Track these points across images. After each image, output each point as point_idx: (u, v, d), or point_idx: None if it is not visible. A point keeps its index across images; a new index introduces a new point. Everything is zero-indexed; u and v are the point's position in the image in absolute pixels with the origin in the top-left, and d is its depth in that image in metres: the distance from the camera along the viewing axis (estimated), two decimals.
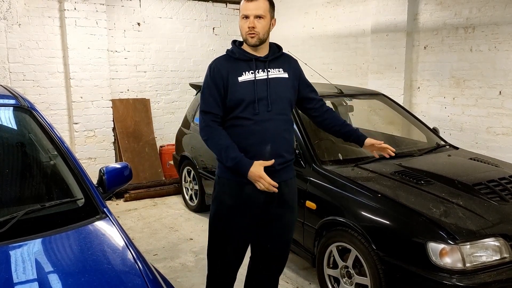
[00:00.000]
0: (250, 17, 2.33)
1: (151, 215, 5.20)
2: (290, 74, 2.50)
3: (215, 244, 2.57)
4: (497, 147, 4.53)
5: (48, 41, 5.64)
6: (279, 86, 2.43)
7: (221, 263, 2.58)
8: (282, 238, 2.58)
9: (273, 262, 2.64)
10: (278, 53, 2.50)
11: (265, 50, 2.45)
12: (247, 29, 2.35)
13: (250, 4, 2.34)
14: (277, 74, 2.44)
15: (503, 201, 2.85)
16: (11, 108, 2.43)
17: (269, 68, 2.42)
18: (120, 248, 1.87)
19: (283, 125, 2.46)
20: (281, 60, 2.50)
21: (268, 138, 2.39)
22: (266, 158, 2.38)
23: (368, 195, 2.94)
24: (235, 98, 2.35)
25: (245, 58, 2.41)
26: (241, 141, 2.39)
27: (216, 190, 2.53)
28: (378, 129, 4.48)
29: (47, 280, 1.61)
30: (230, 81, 2.37)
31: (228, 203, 2.45)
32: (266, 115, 2.38)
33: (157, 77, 6.66)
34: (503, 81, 4.44)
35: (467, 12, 4.66)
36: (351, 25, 5.89)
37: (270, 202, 2.45)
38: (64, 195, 2.15)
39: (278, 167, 2.42)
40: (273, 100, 2.39)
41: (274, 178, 2.37)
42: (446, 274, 2.48)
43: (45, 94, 5.71)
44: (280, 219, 2.52)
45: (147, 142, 6.35)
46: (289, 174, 2.53)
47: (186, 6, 6.80)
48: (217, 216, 2.52)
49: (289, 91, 2.49)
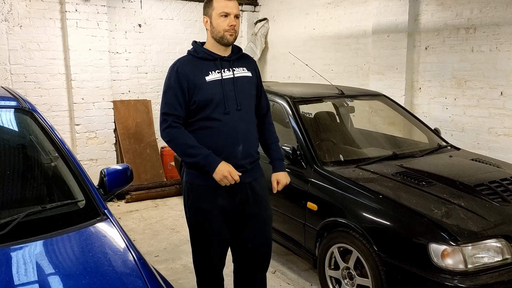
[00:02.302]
0: (231, 16, 2.36)
1: (152, 217, 5.20)
2: (252, 73, 2.54)
3: (199, 249, 2.58)
4: (498, 147, 4.53)
5: (49, 43, 5.65)
6: (245, 84, 2.47)
7: (207, 267, 2.59)
8: (263, 235, 2.61)
9: (257, 259, 2.65)
10: (239, 53, 2.53)
11: (229, 50, 2.49)
12: (227, 27, 2.37)
13: (230, 3, 2.38)
14: (242, 73, 2.48)
15: (504, 202, 2.85)
16: (12, 110, 2.43)
17: (233, 67, 2.45)
18: (121, 250, 1.87)
19: (252, 124, 2.50)
20: (242, 59, 2.54)
21: (240, 139, 2.41)
22: (238, 158, 2.41)
23: (369, 196, 2.94)
24: (204, 98, 2.35)
25: (209, 58, 2.43)
26: (211, 143, 2.39)
27: (191, 198, 2.51)
28: (379, 130, 4.48)
29: (48, 282, 1.61)
30: (196, 81, 2.36)
31: (205, 208, 2.46)
32: (235, 114, 2.40)
33: (158, 78, 6.66)
34: (505, 82, 4.43)
35: (468, 13, 4.65)
36: (352, 26, 5.89)
37: (246, 201, 2.48)
38: (65, 196, 2.15)
39: (249, 166, 2.47)
40: (241, 99, 2.42)
41: (246, 177, 2.44)
42: (448, 276, 2.47)
43: (46, 96, 5.72)
44: (257, 217, 2.56)
45: (149, 143, 6.35)
46: (259, 172, 2.58)
47: (187, 7, 6.80)
48: (196, 223, 2.53)
49: (253, 90, 2.53)
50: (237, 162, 2.41)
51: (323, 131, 4.03)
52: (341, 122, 4.40)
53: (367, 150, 3.84)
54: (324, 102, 4.18)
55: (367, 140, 4.12)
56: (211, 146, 2.39)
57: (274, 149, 2.66)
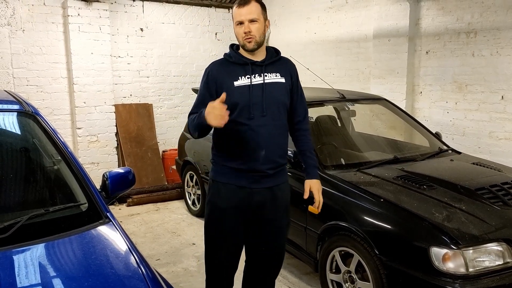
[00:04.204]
0: (245, 22, 2.34)
1: (154, 220, 5.20)
2: (287, 78, 2.49)
3: (210, 247, 2.59)
4: (499, 151, 4.53)
5: (51, 47, 5.67)
6: (275, 91, 2.43)
7: (217, 267, 2.59)
8: (276, 242, 2.59)
9: (269, 264, 2.65)
10: (275, 57, 2.49)
11: (262, 54, 2.45)
12: (243, 34, 2.36)
13: (243, 10, 2.35)
14: (273, 78, 2.44)
15: (505, 206, 2.85)
16: (15, 114, 2.45)
17: (265, 73, 2.42)
18: (123, 253, 1.88)
19: (278, 130, 2.46)
20: (278, 64, 2.50)
21: (262, 144, 2.39)
22: (260, 163, 2.40)
23: (370, 200, 2.94)
24: (230, 102, 2.32)
25: (241, 63, 2.42)
26: (235, 146, 2.41)
27: (210, 193, 2.55)
28: (381, 134, 4.48)
29: (50, 285, 1.62)
30: (224, 85, 2.37)
31: (221, 206, 2.47)
32: (260, 120, 2.38)
33: (159, 82, 6.68)
34: (506, 86, 4.43)
35: (469, 17, 4.67)
36: (353, 30, 5.91)
37: (263, 206, 2.47)
38: (67, 199, 2.16)
39: (271, 172, 2.44)
40: (268, 105, 2.39)
41: (266, 182, 2.43)
42: (449, 279, 2.47)
43: (48, 99, 5.74)
44: (274, 223, 2.54)
45: (150, 147, 6.37)
46: (282, 178, 2.55)
47: (188, 11, 6.83)
48: (211, 219, 2.54)
49: (285, 96, 2.48)
50: (258, 167, 2.41)
51: (324, 135, 4.04)
52: (342, 126, 4.41)
53: (368, 154, 3.85)
54: (325, 106, 4.19)
55: (368, 144, 4.13)
56: (234, 149, 2.41)
57: (309, 156, 2.60)
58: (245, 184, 2.43)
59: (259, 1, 2.40)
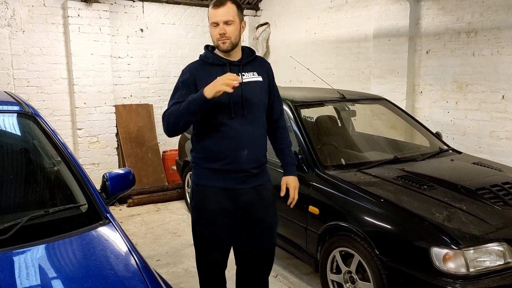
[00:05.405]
0: (220, 24, 2.35)
1: (154, 221, 5.20)
2: (264, 77, 2.51)
3: (202, 250, 2.58)
4: (500, 151, 4.52)
5: (51, 48, 5.68)
6: (254, 90, 2.44)
7: (211, 268, 2.59)
8: (267, 240, 2.61)
9: (262, 264, 2.66)
10: (251, 56, 2.51)
11: (237, 54, 2.46)
12: (218, 35, 2.36)
13: (218, 11, 2.35)
14: (251, 78, 2.45)
15: (506, 206, 2.84)
16: (15, 115, 2.45)
17: (243, 72, 2.43)
18: (123, 254, 1.88)
19: (259, 128, 2.48)
20: (254, 63, 2.51)
21: (244, 143, 2.40)
22: (243, 163, 2.40)
23: (371, 200, 2.94)
24: (210, 103, 2.29)
25: (219, 63, 2.42)
26: (216, 146, 2.40)
27: (195, 199, 2.52)
28: (381, 134, 4.48)
29: (50, 286, 1.62)
30: (204, 86, 2.32)
31: (209, 208, 2.46)
32: (241, 119, 2.39)
33: (160, 83, 6.68)
34: (506, 86, 4.43)
35: (469, 17, 4.66)
36: (353, 30, 5.90)
37: (251, 206, 2.48)
38: (67, 200, 2.16)
39: (255, 171, 2.45)
40: (248, 105, 2.40)
41: (251, 182, 2.44)
42: (450, 279, 2.47)
43: (48, 100, 5.74)
44: (263, 222, 2.56)
45: (150, 147, 6.37)
46: (266, 177, 2.57)
47: (188, 12, 6.83)
48: (200, 223, 2.53)
49: (263, 94, 2.50)
50: (242, 167, 2.41)
51: (324, 135, 4.04)
52: (342, 126, 4.41)
53: (369, 154, 3.85)
54: (326, 106, 4.18)
55: (368, 144, 4.12)
56: (215, 149, 2.40)
57: (287, 154, 2.65)
58: (231, 185, 2.43)
59: (235, 2, 2.40)
